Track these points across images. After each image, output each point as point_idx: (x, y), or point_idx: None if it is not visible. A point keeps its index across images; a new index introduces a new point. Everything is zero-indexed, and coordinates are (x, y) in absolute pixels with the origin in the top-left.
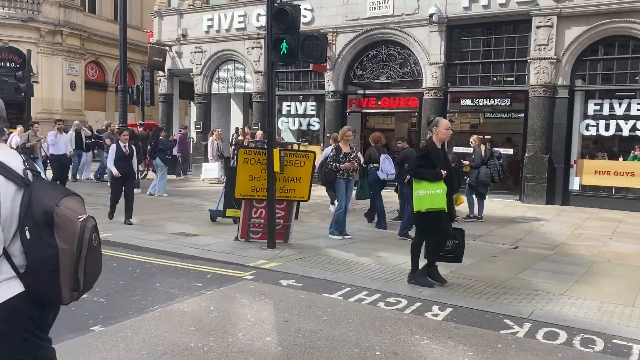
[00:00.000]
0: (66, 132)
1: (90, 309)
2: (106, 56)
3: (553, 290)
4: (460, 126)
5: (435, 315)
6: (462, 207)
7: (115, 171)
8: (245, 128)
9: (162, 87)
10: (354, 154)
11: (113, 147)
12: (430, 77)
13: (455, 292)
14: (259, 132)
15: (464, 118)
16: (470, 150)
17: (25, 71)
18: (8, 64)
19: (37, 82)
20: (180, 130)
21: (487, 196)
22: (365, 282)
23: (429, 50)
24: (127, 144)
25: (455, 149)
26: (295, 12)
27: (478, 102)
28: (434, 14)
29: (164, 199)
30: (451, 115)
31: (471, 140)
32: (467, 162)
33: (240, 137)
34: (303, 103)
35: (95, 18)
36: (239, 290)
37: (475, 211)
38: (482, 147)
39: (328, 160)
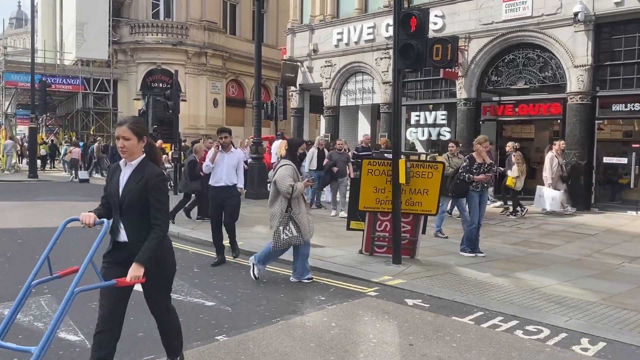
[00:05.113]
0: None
1: (217, 317)
2: (245, 74)
3: None
4: (611, 134)
5: (585, 349)
6: None
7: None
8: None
9: (293, 102)
10: (489, 164)
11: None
12: (575, 81)
13: (608, 323)
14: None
15: (615, 125)
16: None
17: (173, 90)
18: (161, 85)
19: (185, 100)
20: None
21: None
22: (501, 306)
23: (574, 51)
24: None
25: (606, 159)
26: (423, 16)
27: (633, 107)
28: (579, 12)
29: None
30: (600, 122)
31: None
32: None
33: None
34: (433, 112)
35: (236, 39)
36: (362, 307)
37: None
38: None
39: (460, 170)
